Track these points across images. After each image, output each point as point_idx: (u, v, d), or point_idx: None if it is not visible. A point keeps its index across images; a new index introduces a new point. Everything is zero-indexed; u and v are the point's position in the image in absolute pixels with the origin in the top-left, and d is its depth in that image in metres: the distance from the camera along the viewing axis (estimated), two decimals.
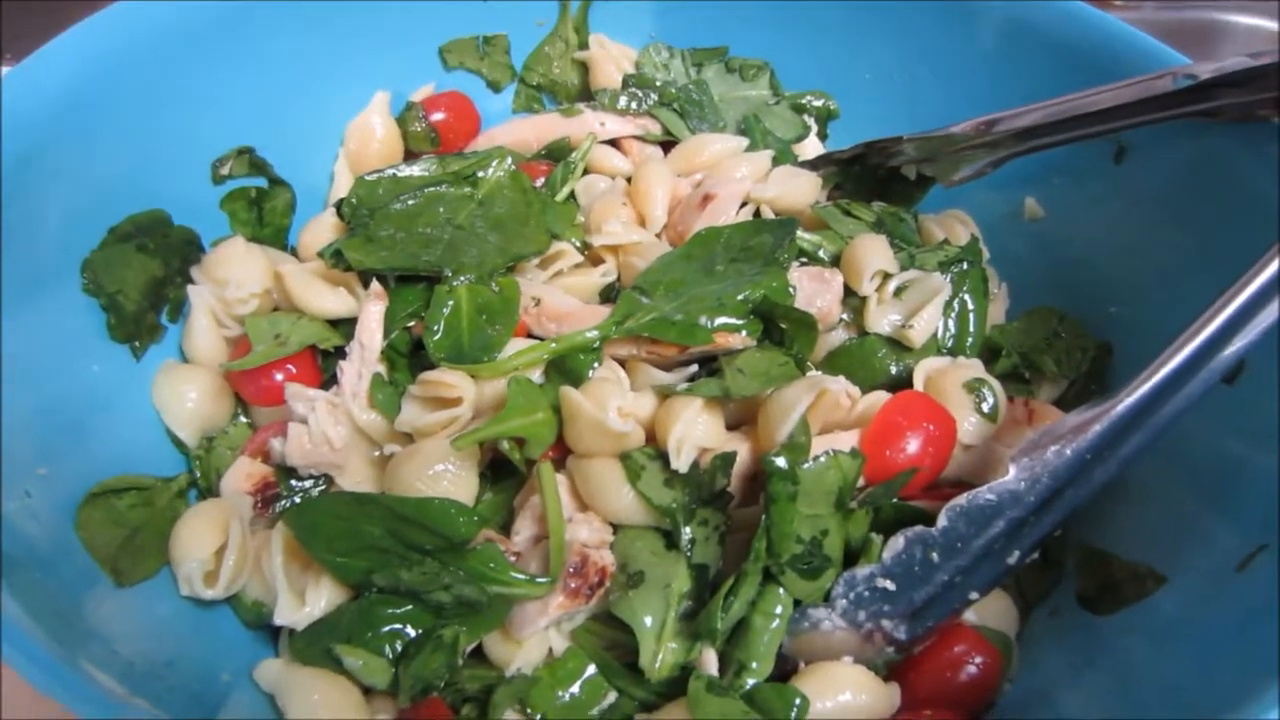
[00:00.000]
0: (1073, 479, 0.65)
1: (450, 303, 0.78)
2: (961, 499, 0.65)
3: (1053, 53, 0.90)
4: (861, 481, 0.70)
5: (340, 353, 0.81)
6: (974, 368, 0.80)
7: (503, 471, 0.76)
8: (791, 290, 0.78)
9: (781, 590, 0.65)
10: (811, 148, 1.06)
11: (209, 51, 0.85)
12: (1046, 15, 0.90)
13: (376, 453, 0.77)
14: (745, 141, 0.99)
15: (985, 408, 0.76)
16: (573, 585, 0.66)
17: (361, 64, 0.98)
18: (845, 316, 0.84)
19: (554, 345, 0.76)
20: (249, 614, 0.72)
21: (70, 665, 0.52)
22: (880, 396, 0.76)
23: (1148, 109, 0.80)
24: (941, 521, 0.65)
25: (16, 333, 0.67)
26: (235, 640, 0.72)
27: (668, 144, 1.02)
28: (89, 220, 0.76)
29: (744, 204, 0.91)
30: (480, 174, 0.88)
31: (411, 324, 0.79)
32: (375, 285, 0.80)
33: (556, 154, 1.00)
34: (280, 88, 0.92)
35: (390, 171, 0.87)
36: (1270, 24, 1.74)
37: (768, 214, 0.90)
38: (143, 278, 0.79)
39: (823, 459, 0.67)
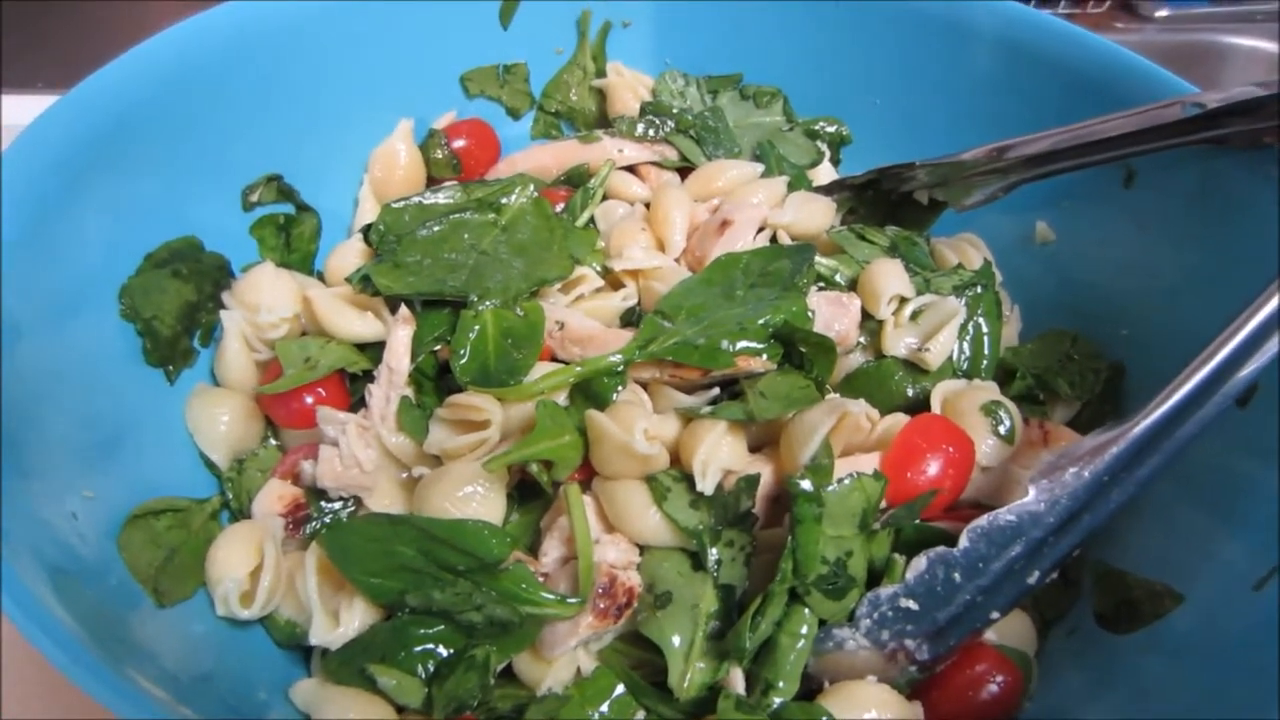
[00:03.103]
0: (1091, 500, 0.66)
1: (476, 327, 0.79)
2: (982, 520, 0.66)
3: (1063, 80, 0.92)
4: (883, 503, 0.71)
5: (368, 376, 0.82)
6: (990, 390, 0.81)
7: (529, 493, 0.77)
8: (810, 314, 0.80)
9: (807, 610, 0.67)
10: (825, 173, 1.08)
11: (239, 82, 0.87)
12: (1057, 44, 0.92)
13: (405, 475, 0.78)
14: (761, 167, 1.01)
15: (1002, 430, 0.77)
16: (602, 606, 0.68)
17: (385, 92, 1.00)
18: (862, 339, 0.85)
19: (579, 369, 0.77)
20: (282, 633, 0.73)
21: (119, 673, 0.53)
22: (899, 419, 0.77)
23: (1157, 136, 0.82)
24: (963, 542, 0.66)
25: (60, 357, 0.69)
26: (269, 659, 0.73)
27: (684, 170, 1.04)
28: (126, 247, 0.77)
29: (761, 229, 0.92)
30: (504, 200, 0.89)
31: (438, 348, 0.81)
32: (404, 310, 0.81)
33: (575, 180, 1.02)
34: (306, 116, 0.94)
35: (416, 199, 0.89)
36: (1270, 45, 1.76)
37: (784, 239, 0.92)
38: (177, 303, 0.80)
39: (847, 481, 0.68)
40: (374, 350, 0.83)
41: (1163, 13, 1.78)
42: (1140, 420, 0.66)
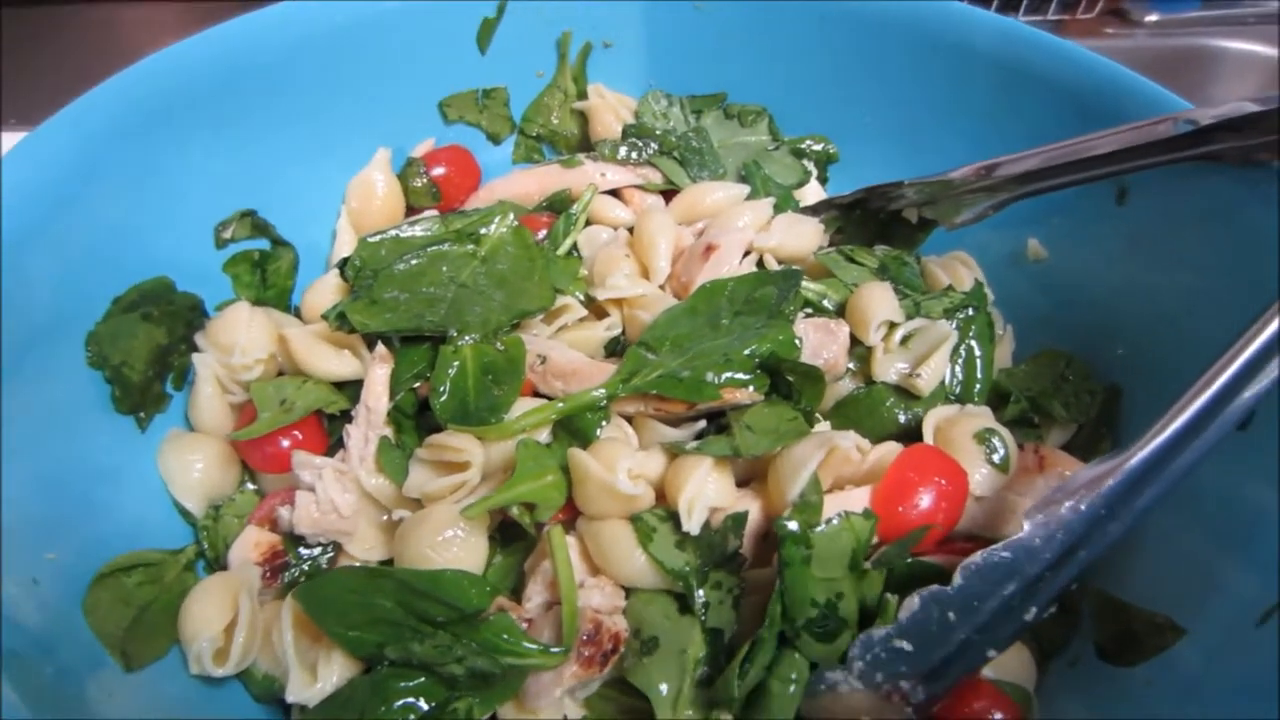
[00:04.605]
0: (1088, 534, 0.64)
1: (455, 363, 0.77)
2: (976, 557, 0.64)
3: (1052, 96, 0.90)
4: (875, 539, 0.69)
5: (346, 416, 0.80)
6: (983, 416, 0.79)
7: (511, 534, 0.75)
8: (798, 343, 0.78)
9: (798, 654, 0.65)
10: (812, 193, 1.06)
11: (209, 116, 0.86)
12: (1046, 59, 0.90)
13: (385, 517, 0.76)
14: (746, 189, 0.99)
15: (996, 459, 0.75)
16: (586, 654, 0.66)
17: (361, 121, 0.99)
18: (851, 365, 0.83)
19: (561, 405, 0.75)
20: (259, 688, 0.71)
21: None
22: (890, 448, 0.75)
23: (1149, 153, 0.80)
24: (957, 580, 0.64)
25: (21, 411, 0.67)
26: (245, 716, 0.71)
27: (668, 193, 1.02)
28: (92, 290, 0.75)
29: (747, 253, 0.90)
30: (483, 231, 0.87)
31: (417, 385, 0.79)
32: (380, 348, 0.79)
33: (558, 205, 1.00)
34: (281, 148, 0.93)
35: (393, 232, 0.87)
36: (1263, 49, 1.74)
37: (771, 262, 0.90)
38: (147, 347, 0.78)
39: (835, 521, 0.66)
40: (352, 389, 0.82)
41: (1153, 17, 1.76)
42: (1136, 451, 0.64)
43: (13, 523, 0.63)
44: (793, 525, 0.65)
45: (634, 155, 1.02)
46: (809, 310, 0.85)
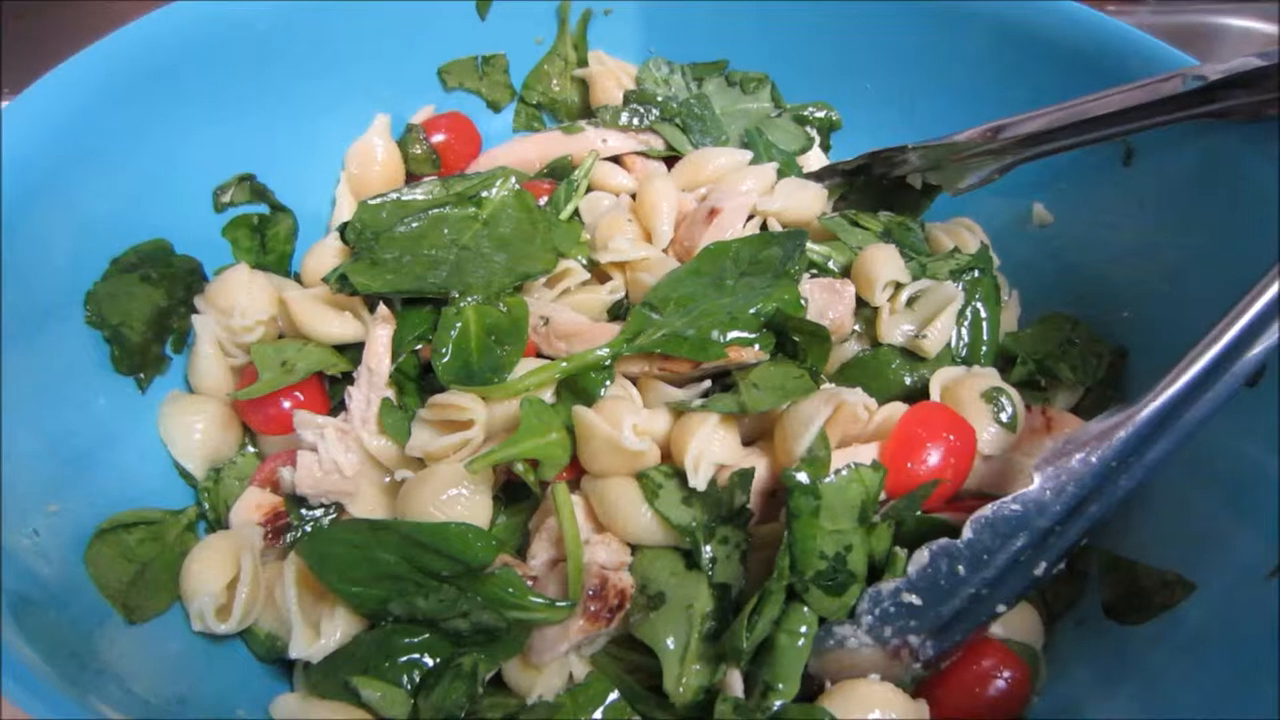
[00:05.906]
0: (1098, 487, 0.64)
1: (458, 324, 0.77)
2: (986, 510, 0.64)
3: (1057, 57, 0.89)
4: (883, 495, 0.68)
5: (348, 378, 0.80)
6: (990, 377, 0.79)
7: (517, 493, 0.75)
8: (803, 302, 0.77)
9: (806, 608, 0.64)
10: (815, 159, 1.05)
11: (207, 80, 0.85)
12: (1050, 20, 0.90)
13: (388, 479, 0.76)
14: (749, 155, 0.98)
15: (1004, 417, 0.75)
16: (592, 608, 0.65)
17: (360, 87, 0.98)
18: (857, 328, 0.83)
19: (565, 364, 0.74)
20: (262, 647, 0.71)
21: (82, 705, 0.51)
22: (898, 408, 0.75)
23: (1156, 111, 0.80)
24: (966, 533, 0.64)
25: (21, 368, 0.66)
26: (249, 675, 0.71)
27: (671, 159, 1.02)
28: (90, 252, 0.75)
29: (750, 217, 0.90)
30: (484, 194, 0.87)
31: (419, 347, 0.78)
32: (382, 309, 0.79)
33: (559, 172, 0.99)
34: (279, 113, 0.92)
35: (393, 195, 0.86)
36: (1265, 26, 1.74)
37: (774, 226, 0.90)
38: (146, 308, 0.78)
39: (844, 472, 0.66)
40: (353, 352, 0.81)
41: None
42: (1148, 403, 0.63)
43: (15, 476, 0.62)
44: (801, 476, 0.64)
45: (635, 121, 1.02)
46: (814, 271, 0.84)
